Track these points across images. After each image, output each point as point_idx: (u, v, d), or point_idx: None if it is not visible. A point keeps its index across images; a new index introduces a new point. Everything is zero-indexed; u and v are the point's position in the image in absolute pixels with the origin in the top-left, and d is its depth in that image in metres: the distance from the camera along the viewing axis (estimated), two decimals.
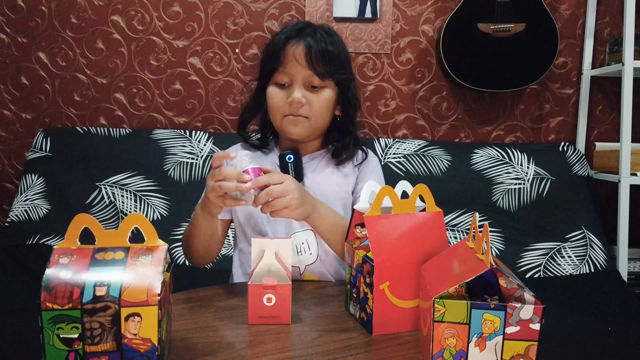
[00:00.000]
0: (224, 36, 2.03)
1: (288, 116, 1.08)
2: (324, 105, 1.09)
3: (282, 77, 1.07)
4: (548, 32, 1.91)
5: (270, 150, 1.19)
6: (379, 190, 0.80)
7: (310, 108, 1.07)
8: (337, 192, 1.14)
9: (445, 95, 2.09)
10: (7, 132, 2.05)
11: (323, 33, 1.08)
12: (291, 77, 1.07)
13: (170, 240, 1.75)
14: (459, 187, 1.88)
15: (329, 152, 1.18)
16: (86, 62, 2.02)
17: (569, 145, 2.01)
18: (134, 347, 0.58)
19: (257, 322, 0.79)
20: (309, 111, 1.07)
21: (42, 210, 1.78)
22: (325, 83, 1.08)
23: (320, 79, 1.06)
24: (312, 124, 1.09)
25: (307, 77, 1.06)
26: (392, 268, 0.75)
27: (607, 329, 1.36)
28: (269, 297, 0.78)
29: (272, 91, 1.10)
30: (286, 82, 1.08)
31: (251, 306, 0.78)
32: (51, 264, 0.59)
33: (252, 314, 0.78)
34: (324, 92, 1.08)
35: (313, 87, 1.07)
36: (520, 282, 0.63)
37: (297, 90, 1.06)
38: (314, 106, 1.07)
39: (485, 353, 0.61)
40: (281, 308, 0.79)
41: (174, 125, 2.06)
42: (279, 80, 1.08)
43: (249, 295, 0.78)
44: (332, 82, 1.09)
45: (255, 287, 0.78)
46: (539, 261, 1.80)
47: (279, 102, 1.08)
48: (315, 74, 1.05)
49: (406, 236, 0.78)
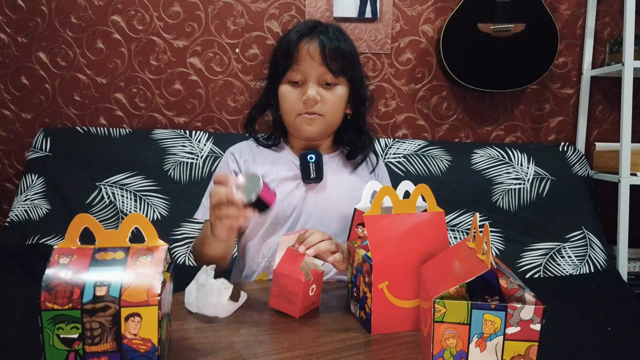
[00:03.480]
0: (224, 36, 2.03)
1: (303, 115, 1.08)
2: (338, 102, 1.09)
3: (296, 75, 1.07)
4: (548, 32, 1.91)
5: (281, 149, 1.18)
6: (374, 189, 0.80)
7: (325, 105, 1.07)
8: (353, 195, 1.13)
9: (445, 95, 2.09)
10: (7, 132, 2.05)
11: (335, 31, 1.09)
12: (305, 75, 1.07)
13: (170, 240, 1.75)
14: (459, 187, 1.88)
15: (342, 153, 1.18)
16: (86, 62, 2.02)
17: (569, 145, 2.01)
18: (134, 347, 0.58)
19: (303, 313, 0.82)
20: (323, 108, 1.07)
21: (42, 210, 1.78)
22: (339, 80, 1.08)
23: (334, 76, 1.06)
24: (326, 121, 1.09)
25: (321, 75, 1.06)
26: (391, 267, 0.75)
27: (607, 329, 1.36)
28: (313, 288, 0.83)
29: (285, 90, 1.09)
30: (299, 80, 1.07)
31: (302, 300, 0.81)
32: (51, 264, 0.59)
33: (302, 307, 0.81)
34: (337, 89, 1.09)
35: (327, 85, 1.07)
36: (521, 283, 0.63)
37: (312, 88, 1.06)
38: (328, 103, 1.08)
39: (486, 353, 0.61)
40: (317, 294, 0.85)
41: (174, 125, 2.06)
42: (292, 78, 1.08)
43: (302, 291, 0.80)
44: (344, 80, 1.09)
45: (306, 283, 0.80)
46: (539, 261, 1.80)
47: (293, 101, 1.08)
48: (330, 71, 1.06)
49: (406, 236, 0.78)
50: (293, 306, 0.81)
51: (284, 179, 1.13)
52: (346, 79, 1.09)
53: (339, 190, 1.13)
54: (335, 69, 1.06)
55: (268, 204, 0.82)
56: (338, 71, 1.06)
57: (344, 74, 1.08)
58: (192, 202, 1.81)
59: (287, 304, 0.82)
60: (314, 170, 1.10)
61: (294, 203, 1.11)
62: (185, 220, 1.78)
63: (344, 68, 1.07)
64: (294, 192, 1.12)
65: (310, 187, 1.12)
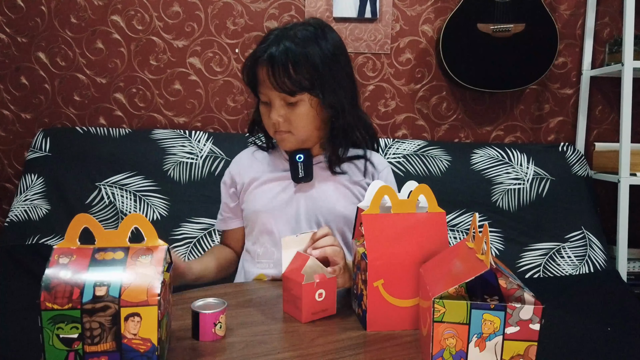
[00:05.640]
0: (223, 36, 2.03)
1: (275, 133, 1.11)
2: (303, 119, 1.09)
3: (262, 96, 1.10)
4: (548, 32, 1.91)
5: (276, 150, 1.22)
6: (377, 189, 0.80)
7: (290, 123, 1.09)
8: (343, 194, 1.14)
9: (445, 95, 2.09)
10: (6, 132, 2.05)
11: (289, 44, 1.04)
12: (268, 97, 1.08)
13: (170, 240, 1.75)
14: (458, 187, 1.88)
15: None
16: (86, 62, 2.02)
17: (568, 145, 2.01)
18: (134, 347, 0.58)
19: (311, 319, 0.81)
20: (290, 127, 1.09)
21: (41, 210, 1.78)
22: (300, 97, 1.06)
23: (291, 96, 1.06)
24: (297, 136, 1.11)
25: (281, 96, 1.07)
26: (387, 266, 0.75)
27: (607, 329, 1.36)
28: (320, 293, 0.81)
29: (260, 109, 1.14)
30: (267, 101, 1.09)
31: (305, 305, 0.79)
32: (51, 264, 0.59)
33: (307, 312, 0.80)
34: (300, 106, 1.08)
35: (289, 103, 1.07)
36: (520, 283, 0.63)
37: (274, 111, 1.08)
38: (293, 122, 1.09)
39: (485, 353, 0.61)
40: (329, 300, 0.82)
41: (173, 125, 2.06)
42: (261, 98, 1.11)
43: (304, 295, 0.79)
44: (307, 94, 1.07)
45: (309, 286, 0.79)
46: (538, 261, 1.80)
47: (266, 121, 1.12)
48: (284, 93, 1.05)
49: (404, 235, 0.78)
50: (299, 311, 0.81)
51: (275, 179, 1.15)
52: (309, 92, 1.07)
53: (328, 190, 1.13)
54: (290, 90, 1.04)
55: None
56: (294, 91, 1.05)
57: (303, 91, 1.06)
58: (191, 202, 1.82)
59: (294, 308, 0.82)
60: (302, 170, 1.11)
61: (283, 202, 1.12)
62: (186, 221, 1.78)
63: (302, 85, 1.04)
64: (283, 192, 1.14)
65: (301, 186, 1.14)
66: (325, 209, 1.12)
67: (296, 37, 1.05)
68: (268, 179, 1.16)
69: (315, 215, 1.12)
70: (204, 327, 0.72)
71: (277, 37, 1.07)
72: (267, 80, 1.05)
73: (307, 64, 1.04)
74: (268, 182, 1.16)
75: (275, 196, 1.13)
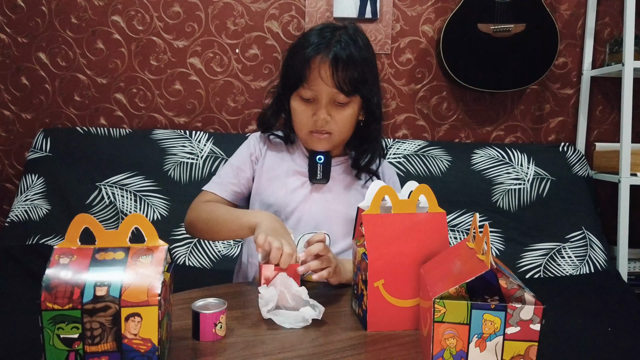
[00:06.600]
0: (224, 36, 2.03)
1: (313, 132, 1.08)
2: (349, 120, 1.08)
3: (307, 92, 1.05)
4: (548, 33, 1.91)
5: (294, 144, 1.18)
6: (378, 189, 0.80)
7: (335, 124, 1.07)
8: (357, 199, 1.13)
9: (445, 95, 2.09)
10: (7, 132, 2.05)
11: (349, 41, 1.05)
12: (316, 94, 1.05)
13: (170, 240, 1.75)
14: (459, 187, 1.88)
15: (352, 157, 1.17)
16: (86, 62, 2.02)
17: (569, 145, 2.01)
18: (134, 347, 0.58)
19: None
20: (334, 127, 1.07)
21: (42, 210, 1.78)
22: (351, 99, 1.06)
23: (346, 96, 1.04)
24: (336, 138, 1.09)
25: (332, 95, 1.05)
26: (387, 266, 0.75)
27: (607, 329, 1.36)
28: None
29: (296, 104, 1.08)
30: (311, 98, 1.06)
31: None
32: (51, 264, 0.59)
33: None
34: (349, 107, 1.07)
35: (338, 104, 1.06)
36: (521, 283, 0.63)
37: (323, 109, 1.05)
38: (339, 122, 1.07)
39: (486, 353, 0.61)
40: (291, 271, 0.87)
41: (174, 125, 2.06)
42: (303, 94, 1.06)
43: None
44: (357, 97, 1.07)
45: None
46: (539, 261, 1.80)
47: (304, 119, 1.07)
48: (341, 92, 1.04)
49: (405, 235, 0.78)
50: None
51: (292, 175, 1.13)
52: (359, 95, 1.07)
53: (344, 193, 1.13)
54: (348, 90, 1.04)
55: None
56: (350, 92, 1.04)
57: (356, 93, 1.06)
58: (192, 202, 1.82)
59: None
60: (321, 171, 1.10)
61: (297, 200, 1.11)
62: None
63: (357, 86, 1.05)
64: (298, 190, 1.12)
65: (316, 187, 1.12)
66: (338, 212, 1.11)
67: (357, 41, 1.07)
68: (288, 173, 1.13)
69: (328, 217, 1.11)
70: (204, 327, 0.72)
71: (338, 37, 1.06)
72: (326, 77, 1.03)
73: (366, 68, 1.06)
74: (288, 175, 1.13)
75: (290, 192, 1.12)
